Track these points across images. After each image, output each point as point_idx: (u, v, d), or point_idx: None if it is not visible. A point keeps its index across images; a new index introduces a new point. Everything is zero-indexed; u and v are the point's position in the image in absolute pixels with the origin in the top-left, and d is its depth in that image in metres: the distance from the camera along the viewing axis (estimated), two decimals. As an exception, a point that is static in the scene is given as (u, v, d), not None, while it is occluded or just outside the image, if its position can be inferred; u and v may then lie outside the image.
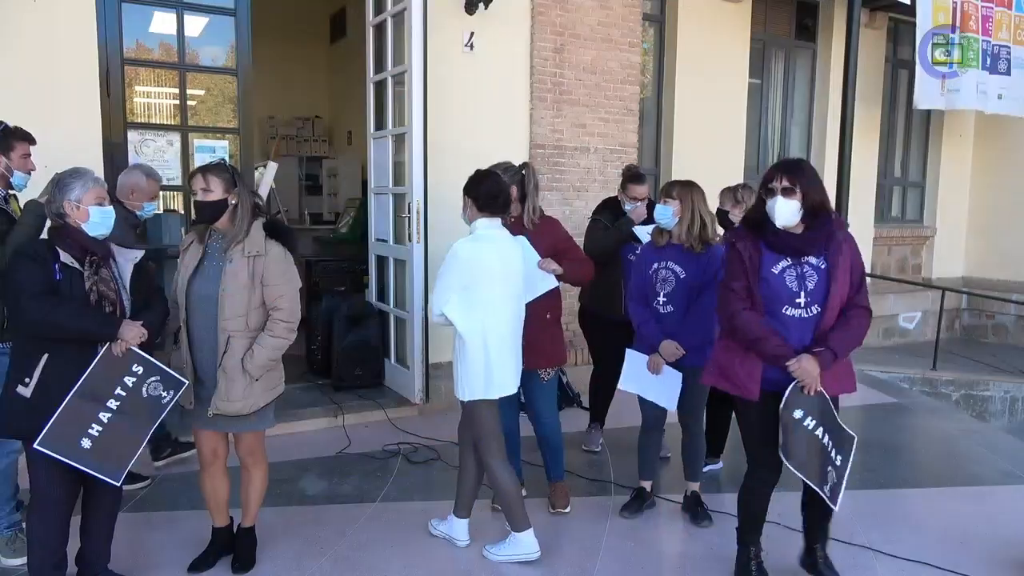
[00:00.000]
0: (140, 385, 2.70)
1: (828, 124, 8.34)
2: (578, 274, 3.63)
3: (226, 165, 2.97)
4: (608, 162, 6.10)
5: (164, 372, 2.76)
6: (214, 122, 5.28)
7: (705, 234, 3.42)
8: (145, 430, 2.75)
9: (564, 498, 3.71)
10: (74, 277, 2.63)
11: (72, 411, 2.57)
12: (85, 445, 2.60)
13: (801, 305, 2.76)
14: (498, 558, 3.22)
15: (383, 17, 5.19)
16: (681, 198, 3.41)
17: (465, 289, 3.10)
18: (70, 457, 2.58)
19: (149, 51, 4.94)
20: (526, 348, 3.45)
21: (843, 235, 2.80)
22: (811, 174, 2.78)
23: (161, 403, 2.76)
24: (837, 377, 2.84)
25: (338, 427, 4.76)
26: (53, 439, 2.55)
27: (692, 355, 3.43)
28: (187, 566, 3.09)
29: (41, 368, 2.57)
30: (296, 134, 10.30)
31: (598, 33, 5.93)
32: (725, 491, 4.01)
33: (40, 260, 2.60)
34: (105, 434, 2.63)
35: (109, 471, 2.67)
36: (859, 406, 5.83)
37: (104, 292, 2.67)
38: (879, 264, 9.42)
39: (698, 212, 3.42)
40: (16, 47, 4.08)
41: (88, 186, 2.71)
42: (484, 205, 3.21)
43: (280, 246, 2.95)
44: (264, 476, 3.16)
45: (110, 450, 2.65)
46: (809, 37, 8.52)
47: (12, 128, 3.30)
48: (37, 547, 2.70)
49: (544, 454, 3.75)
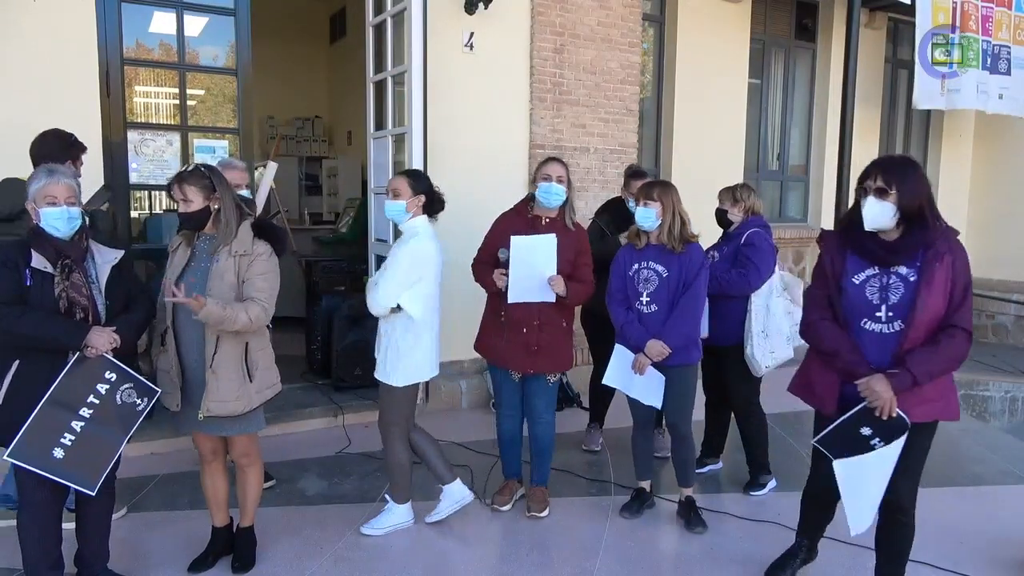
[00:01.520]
0: (113, 393, 2.64)
1: (828, 124, 8.34)
2: (579, 298, 3.60)
3: (203, 171, 2.87)
4: (608, 162, 6.10)
5: (137, 380, 2.70)
6: (214, 122, 5.29)
7: (685, 233, 3.44)
8: (120, 438, 2.68)
9: (541, 503, 3.69)
10: (45, 282, 2.55)
11: (43, 421, 2.52)
12: (57, 455, 2.54)
13: (882, 320, 2.53)
14: (378, 531, 3.44)
15: (383, 17, 5.19)
16: (662, 200, 3.43)
17: (418, 282, 3.28)
18: (42, 467, 2.53)
19: (149, 51, 4.94)
20: (538, 353, 3.47)
21: (947, 245, 2.50)
22: (912, 174, 2.53)
23: (136, 410, 2.70)
24: (925, 400, 2.55)
25: (338, 427, 4.76)
26: (24, 450, 2.50)
27: (676, 355, 3.43)
28: (187, 566, 3.09)
29: (11, 376, 2.52)
30: (296, 134, 10.31)
31: (598, 33, 5.93)
32: (725, 491, 4.01)
33: (10, 265, 2.53)
34: (78, 443, 2.57)
35: (83, 480, 2.61)
36: (859, 406, 5.83)
37: (74, 298, 2.59)
38: (879, 264, 9.40)
39: (677, 212, 3.45)
40: (16, 46, 4.07)
41: (39, 184, 2.59)
42: (435, 210, 3.44)
43: (267, 245, 2.93)
44: (259, 476, 3.15)
45: (84, 459, 2.59)
46: (809, 37, 8.52)
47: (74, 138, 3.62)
48: (31, 548, 2.68)
49: (532, 455, 3.73)
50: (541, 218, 3.55)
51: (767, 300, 3.84)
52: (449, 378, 5.29)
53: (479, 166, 5.45)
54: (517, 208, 3.66)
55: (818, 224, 8.58)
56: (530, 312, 3.48)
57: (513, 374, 3.58)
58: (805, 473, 3.02)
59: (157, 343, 2.95)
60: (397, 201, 3.34)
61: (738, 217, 3.95)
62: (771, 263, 3.84)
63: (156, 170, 4.67)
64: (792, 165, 8.77)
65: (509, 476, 3.81)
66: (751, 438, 4.02)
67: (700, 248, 3.50)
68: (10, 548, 2.70)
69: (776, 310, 3.86)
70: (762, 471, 4.02)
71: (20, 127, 4.08)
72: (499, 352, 3.57)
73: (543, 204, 3.53)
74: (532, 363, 3.52)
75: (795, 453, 4.58)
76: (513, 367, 3.55)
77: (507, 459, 3.79)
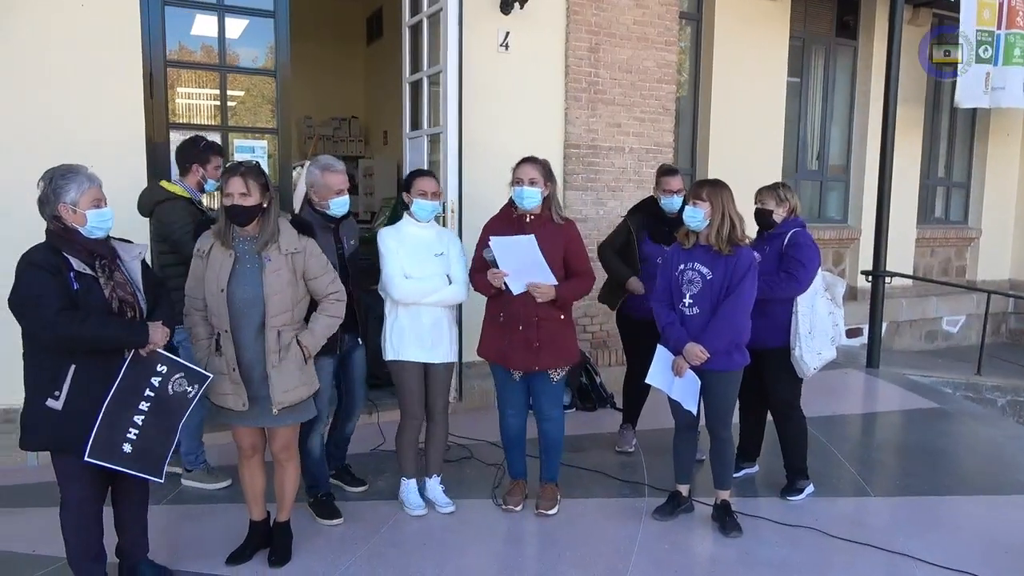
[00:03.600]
0: (166, 384, 2.72)
1: (869, 123, 8.19)
2: (575, 293, 3.58)
3: (261, 168, 2.95)
4: (643, 162, 6.06)
5: (187, 367, 2.78)
6: (253, 122, 5.37)
7: (734, 235, 3.36)
8: (176, 426, 2.77)
9: (550, 500, 3.68)
10: (90, 285, 2.57)
11: (110, 418, 2.60)
12: (127, 450, 2.64)
13: None
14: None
15: (419, 18, 5.22)
16: (711, 200, 3.35)
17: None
18: (116, 463, 2.63)
19: (191, 53, 5.04)
20: (540, 349, 3.48)
21: None
22: None
23: (187, 398, 2.78)
24: None
25: (372, 424, 4.79)
26: (98, 449, 2.58)
27: (718, 359, 3.38)
28: (225, 558, 3.14)
29: (70, 379, 2.56)
30: (333, 134, 10.41)
31: (634, 32, 5.89)
32: (761, 496, 3.96)
33: (53, 271, 2.52)
34: (141, 436, 2.66)
35: (149, 470, 2.72)
36: (899, 411, 5.71)
37: (124, 297, 2.63)
38: (921, 266, 9.22)
39: (728, 213, 3.35)
40: (64, 48, 4.19)
41: (84, 188, 2.59)
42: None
43: (312, 240, 3.04)
44: (297, 470, 3.21)
45: (148, 450, 2.69)
46: (850, 35, 8.37)
47: (211, 143, 3.93)
48: (73, 543, 2.75)
49: (541, 452, 3.73)
50: (525, 216, 3.53)
51: (812, 301, 3.77)
52: (483, 378, 5.30)
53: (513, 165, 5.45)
54: (502, 211, 3.65)
55: (858, 224, 8.43)
56: (528, 309, 3.47)
57: (514, 373, 3.58)
58: (845, 479, 2.98)
59: (205, 347, 2.96)
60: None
61: (781, 217, 3.88)
62: (817, 262, 3.77)
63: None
64: (832, 165, 8.62)
65: (516, 476, 3.80)
66: (790, 442, 3.95)
67: (749, 252, 3.40)
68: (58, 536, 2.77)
69: (820, 310, 3.79)
70: (800, 476, 3.95)
71: (68, 128, 4.21)
72: (501, 352, 3.57)
73: (520, 207, 3.52)
74: (535, 360, 3.50)
75: (834, 458, 4.50)
76: (516, 366, 3.54)
77: (512, 459, 3.79)
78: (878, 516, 3.77)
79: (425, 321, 3.55)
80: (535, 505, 3.68)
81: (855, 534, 3.48)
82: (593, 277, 3.63)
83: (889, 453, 4.83)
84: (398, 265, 3.50)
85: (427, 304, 3.53)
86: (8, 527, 3.45)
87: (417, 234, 3.57)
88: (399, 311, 3.55)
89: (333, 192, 3.48)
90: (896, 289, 8.29)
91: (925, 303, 8.94)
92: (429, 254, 3.56)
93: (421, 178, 3.61)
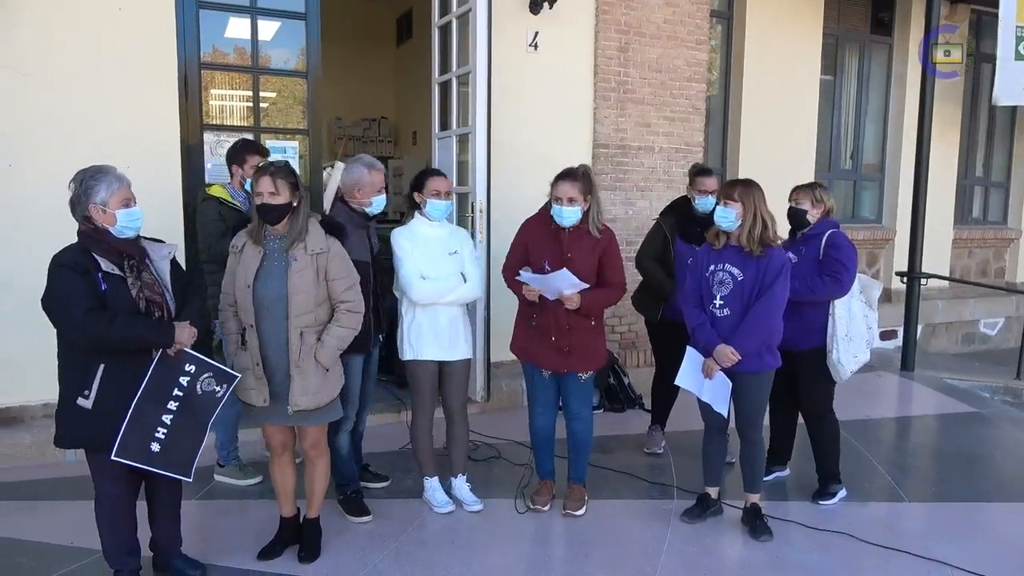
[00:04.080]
0: (194, 383, 2.74)
1: (905, 122, 8.05)
2: (603, 303, 3.56)
3: (291, 168, 2.99)
4: (673, 161, 6.02)
5: (215, 367, 2.81)
6: (284, 123, 5.41)
7: (766, 236, 3.30)
8: (204, 425, 2.80)
9: (578, 501, 3.67)
10: (118, 285, 2.59)
11: (138, 418, 2.63)
12: (155, 449, 2.68)
13: None
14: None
15: (448, 19, 5.24)
16: (743, 200, 3.31)
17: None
18: (144, 462, 2.67)
19: (224, 55, 5.10)
20: (570, 353, 3.48)
21: None
22: None
23: (215, 397, 2.80)
24: None
25: (401, 423, 4.82)
26: (126, 448, 2.62)
27: (749, 361, 3.34)
28: (256, 553, 3.18)
29: (99, 379, 2.59)
30: (362, 135, 10.49)
31: (664, 31, 5.85)
32: (792, 499, 3.91)
33: (82, 271, 2.54)
34: (170, 435, 2.69)
35: (179, 469, 2.76)
36: (935, 415, 5.60)
37: (151, 298, 2.65)
38: (959, 267, 9.04)
39: (760, 214, 3.30)
40: (102, 51, 4.27)
41: (114, 188, 2.61)
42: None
43: (338, 242, 3.03)
44: (327, 468, 3.24)
45: (177, 449, 2.72)
46: (885, 31, 8.22)
47: (247, 142, 3.99)
48: (107, 536, 2.80)
49: (569, 451, 3.72)
50: (564, 228, 3.50)
51: (849, 303, 3.71)
52: (511, 377, 5.30)
53: (542, 165, 5.40)
54: (541, 215, 3.61)
55: (893, 224, 8.28)
56: (559, 318, 3.48)
57: (544, 372, 3.59)
58: (879, 484, 2.92)
59: (234, 343, 3.02)
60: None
61: (816, 218, 3.82)
62: (856, 263, 3.71)
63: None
64: (866, 164, 8.48)
65: (544, 476, 3.80)
66: (823, 446, 3.89)
67: (781, 253, 3.34)
68: (95, 529, 2.83)
69: (857, 313, 3.74)
70: (832, 480, 3.89)
71: (105, 129, 4.30)
72: (531, 353, 3.60)
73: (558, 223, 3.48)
74: (564, 362, 3.52)
75: (867, 462, 4.43)
76: (545, 366, 3.56)
77: (540, 459, 3.79)
78: (912, 522, 3.71)
79: (442, 320, 3.57)
80: (562, 505, 3.68)
81: (888, 540, 3.42)
82: (624, 289, 3.61)
83: (924, 458, 4.74)
84: (414, 266, 3.51)
85: (444, 303, 3.55)
86: (48, 519, 3.53)
87: (430, 234, 3.59)
88: (416, 311, 3.56)
89: (376, 189, 3.54)
90: (932, 291, 8.14)
91: (962, 305, 8.75)
92: (443, 253, 3.57)
93: (434, 178, 3.60)
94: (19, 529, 3.42)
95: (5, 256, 4.10)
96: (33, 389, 4.08)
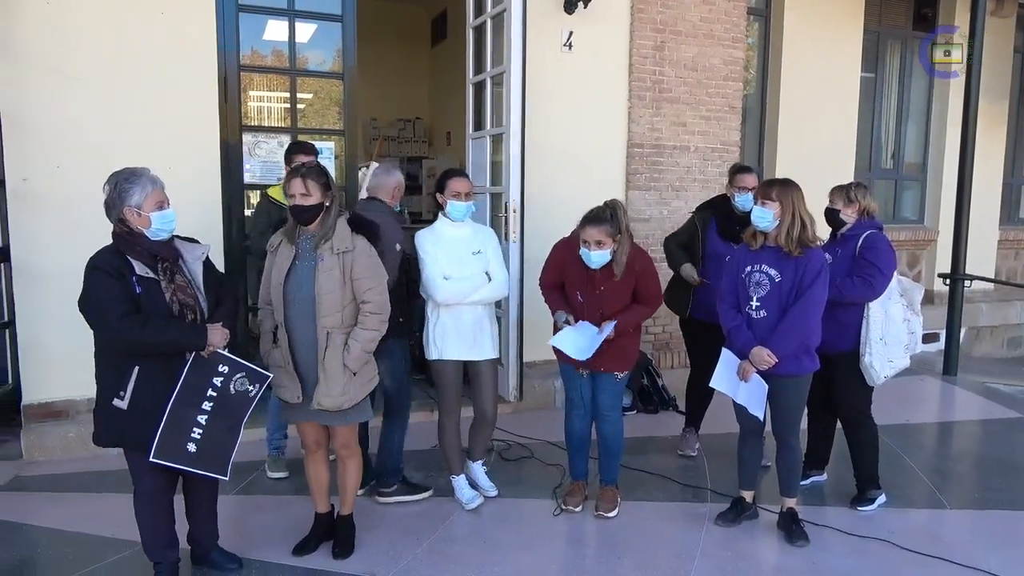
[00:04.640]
0: (228, 383, 2.79)
1: (948, 120, 7.86)
2: (636, 319, 3.57)
3: (323, 168, 3.02)
4: (708, 161, 5.96)
5: (248, 368, 2.85)
6: (321, 124, 5.49)
7: (804, 236, 3.24)
8: (239, 424, 2.85)
9: (610, 503, 3.66)
10: (152, 288, 2.62)
11: (174, 419, 2.67)
12: (191, 449, 2.72)
13: None
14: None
15: (483, 19, 5.26)
16: (781, 199, 3.25)
17: None
18: (181, 463, 2.72)
19: (263, 57, 5.19)
20: (604, 353, 3.48)
21: None
22: None
23: (248, 396, 2.84)
24: None
25: (433, 422, 4.82)
26: (163, 450, 2.67)
27: (786, 364, 3.28)
28: (291, 549, 3.23)
29: (134, 380, 2.62)
30: (397, 135, 10.57)
31: (700, 29, 5.80)
32: (829, 505, 3.84)
33: (117, 275, 2.57)
34: (205, 435, 2.74)
35: (216, 468, 2.81)
36: (980, 420, 5.46)
37: (184, 300, 2.67)
38: (1005, 269, 8.80)
39: (798, 213, 3.24)
40: (145, 54, 4.37)
41: (148, 190, 2.63)
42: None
43: (365, 240, 3.03)
44: (359, 466, 3.27)
45: (213, 449, 2.77)
46: (928, 28, 8.03)
47: (296, 143, 4.15)
48: (146, 530, 2.86)
49: (600, 454, 3.71)
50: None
51: (886, 306, 3.62)
52: (543, 378, 5.30)
53: (576, 165, 5.44)
54: (571, 242, 3.55)
55: (936, 225, 8.10)
56: (597, 323, 3.51)
57: (582, 371, 3.59)
58: (919, 491, 2.86)
59: (268, 340, 3.07)
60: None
61: (851, 218, 3.73)
62: (893, 266, 3.63)
63: (268, 171, 4.89)
64: (908, 163, 8.30)
65: (577, 477, 3.79)
66: (861, 450, 3.82)
67: (820, 254, 3.28)
68: (135, 522, 2.90)
69: (895, 316, 3.65)
70: (871, 485, 3.81)
71: (148, 130, 4.39)
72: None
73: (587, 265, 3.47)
74: (599, 362, 3.53)
75: (908, 468, 4.33)
76: (581, 365, 3.56)
77: (575, 460, 3.78)
78: (954, 529, 3.62)
79: (467, 320, 3.60)
80: (595, 507, 3.67)
81: (929, 547, 3.35)
82: (660, 301, 3.66)
83: (966, 464, 4.62)
84: (437, 267, 3.54)
85: (469, 303, 3.58)
86: (90, 511, 3.62)
87: (453, 234, 3.61)
88: (441, 311, 3.60)
89: (402, 192, 3.84)
90: (976, 293, 7.94)
91: (1008, 308, 8.52)
92: (467, 253, 3.60)
93: (455, 179, 3.62)
94: (64, 520, 3.52)
95: (53, 255, 4.21)
96: (77, 384, 4.18)
